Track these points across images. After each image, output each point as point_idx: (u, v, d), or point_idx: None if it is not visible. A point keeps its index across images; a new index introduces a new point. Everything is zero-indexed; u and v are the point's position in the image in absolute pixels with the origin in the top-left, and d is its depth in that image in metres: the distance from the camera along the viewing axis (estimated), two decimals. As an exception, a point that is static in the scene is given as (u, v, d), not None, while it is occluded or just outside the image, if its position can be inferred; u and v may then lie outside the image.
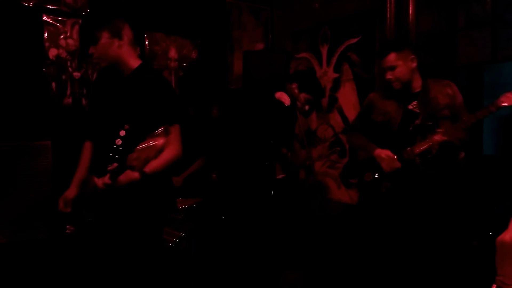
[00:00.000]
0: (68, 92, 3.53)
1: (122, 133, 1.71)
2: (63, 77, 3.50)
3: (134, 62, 1.99)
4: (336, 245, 3.35)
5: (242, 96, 4.37)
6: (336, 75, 4.02)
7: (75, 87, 3.56)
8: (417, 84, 2.51)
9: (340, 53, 3.97)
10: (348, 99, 3.90)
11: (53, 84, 3.47)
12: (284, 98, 3.04)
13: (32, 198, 3.12)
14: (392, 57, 2.42)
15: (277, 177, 3.79)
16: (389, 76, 2.45)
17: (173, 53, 4.21)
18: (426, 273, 2.44)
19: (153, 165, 1.72)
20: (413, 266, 2.46)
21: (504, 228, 0.94)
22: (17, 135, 3.24)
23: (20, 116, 3.28)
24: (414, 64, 2.48)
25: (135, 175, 1.73)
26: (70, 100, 3.53)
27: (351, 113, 3.85)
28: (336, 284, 3.01)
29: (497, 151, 3.44)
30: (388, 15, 3.45)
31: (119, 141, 1.70)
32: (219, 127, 3.94)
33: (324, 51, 4.13)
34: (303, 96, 3.61)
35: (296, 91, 3.53)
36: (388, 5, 3.40)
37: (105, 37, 1.94)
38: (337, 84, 4.01)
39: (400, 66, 2.43)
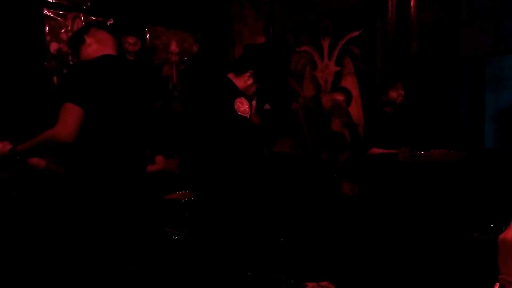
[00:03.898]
0: (70, 86, 3.54)
1: None
2: (65, 71, 3.50)
3: None
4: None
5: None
6: (337, 69, 4.01)
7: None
8: None
9: (342, 47, 3.96)
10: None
11: (55, 78, 3.47)
12: (242, 107, 2.49)
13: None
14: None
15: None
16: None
17: (174, 47, 4.20)
18: (429, 267, 2.45)
19: (26, 143, 1.78)
20: (414, 260, 2.47)
21: (504, 221, 0.94)
22: (18, 129, 3.24)
23: (21, 110, 3.29)
24: None
25: (5, 148, 1.80)
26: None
27: (353, 106, 3.84)
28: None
29: (498, 144, 3.45)
30: (390, 8, 3.44)
31: None
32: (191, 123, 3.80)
33: (326, 44, 4.12)
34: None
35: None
36: (389, -3, 3.39)
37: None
38: (338, 78, 4.00)
39: None
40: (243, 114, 2.45)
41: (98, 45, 2.00)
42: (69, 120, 1.70)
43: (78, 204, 1.82)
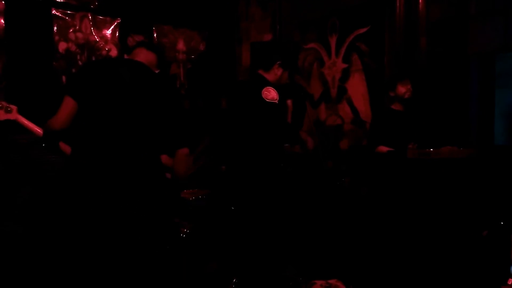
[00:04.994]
0: (78, 85, 3.57)
1: None
2: (73, 70, 3.53)
3: None
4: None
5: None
6: (345, 66, 3.99)
7: (84, 80, 3.60)
8: None
9: (349, 43, 3.93)
10: (358, 89, 3.88)
11: (63, 78, 3.50)
12: (270, 95, 2.62)
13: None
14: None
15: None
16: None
17: (181, 45, 4.22)
18: (438, 265, 2.44)
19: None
20: (423, 260, 2.46)
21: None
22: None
23: (31, 110, 3.32)
24: None
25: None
26: (80, 93, 3.57)
27: (361, 104, 3.82)
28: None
29: (508, 141, 3.41)
30: (398, 4, 3.41)
31: None
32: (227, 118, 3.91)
33: (333, 41, 4.10)
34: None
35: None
36: (397, -7, 3.36)
37: None
38: (346, 75, 3.99)
39: None
40: (271, 101, 2.65)
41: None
42: (61, 110, 1.92)
43: (61, 196, 1.94)
